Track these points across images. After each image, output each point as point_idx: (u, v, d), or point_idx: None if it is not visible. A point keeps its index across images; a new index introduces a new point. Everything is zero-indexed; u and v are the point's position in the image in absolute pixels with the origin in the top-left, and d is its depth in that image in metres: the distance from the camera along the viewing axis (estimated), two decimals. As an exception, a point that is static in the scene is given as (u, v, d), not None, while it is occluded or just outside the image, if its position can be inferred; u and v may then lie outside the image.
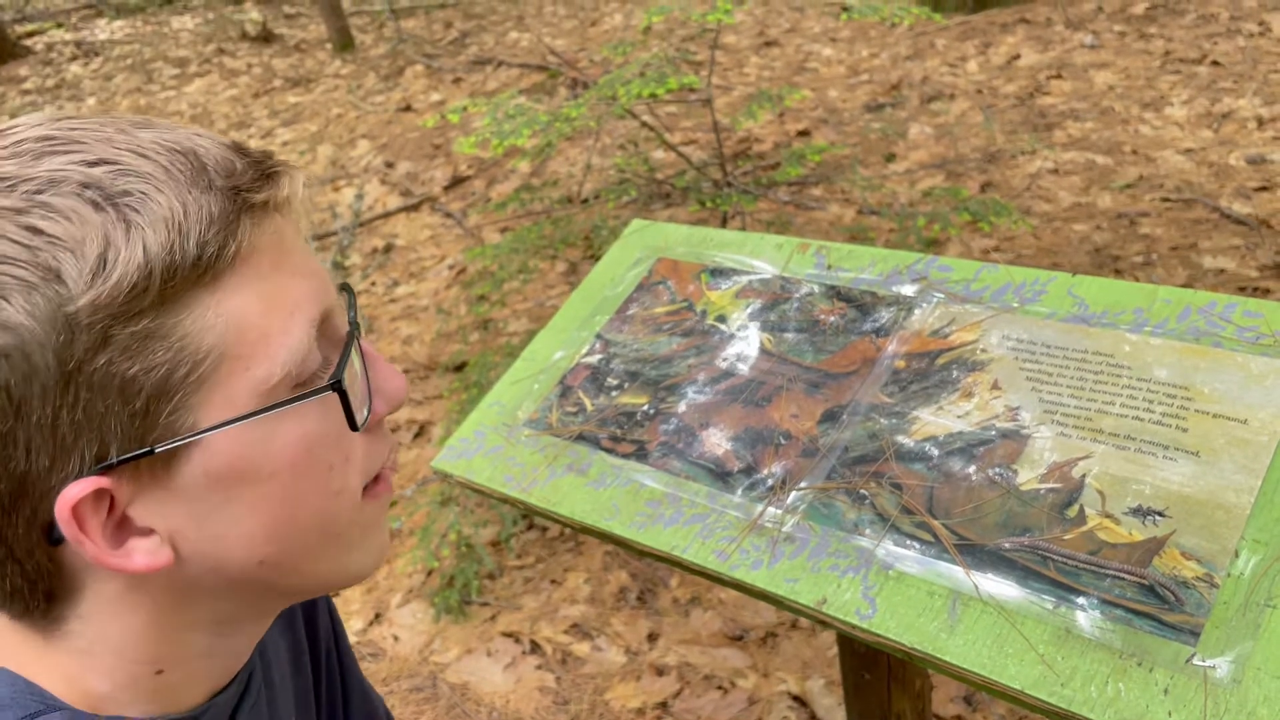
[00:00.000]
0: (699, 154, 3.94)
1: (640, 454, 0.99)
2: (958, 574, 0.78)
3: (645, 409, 1.04)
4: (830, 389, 0.98)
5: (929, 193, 3.26)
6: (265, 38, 7.65)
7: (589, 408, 1.06)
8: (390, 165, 4.71)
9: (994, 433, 0.87)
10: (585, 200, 3.70)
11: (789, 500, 0.89)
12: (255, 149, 0.51)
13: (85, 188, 0.45)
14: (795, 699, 1.83)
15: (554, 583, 2.21)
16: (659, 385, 1.06)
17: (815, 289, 1.09)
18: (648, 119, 3.87)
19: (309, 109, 5.79)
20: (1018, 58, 4.51)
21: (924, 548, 0.81)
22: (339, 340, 0.54)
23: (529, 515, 2.39)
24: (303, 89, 6.23)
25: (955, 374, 0.94)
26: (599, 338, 1.15)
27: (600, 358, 1.12)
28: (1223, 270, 2.76)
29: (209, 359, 0.47)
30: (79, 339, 0.44)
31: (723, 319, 1.10)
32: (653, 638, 2.03)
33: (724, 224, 2.82)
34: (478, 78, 5.67)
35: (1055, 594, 0.74)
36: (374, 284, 3.70)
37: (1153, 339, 0.89)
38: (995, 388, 0.91)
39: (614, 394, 1.07)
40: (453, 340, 3.16)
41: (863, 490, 0.87)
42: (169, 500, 0.48)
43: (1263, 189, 3.12)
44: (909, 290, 1.04)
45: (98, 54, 8.16)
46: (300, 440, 0.50)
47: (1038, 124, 3.82)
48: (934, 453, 0.88)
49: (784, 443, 0.94)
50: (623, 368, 1.10)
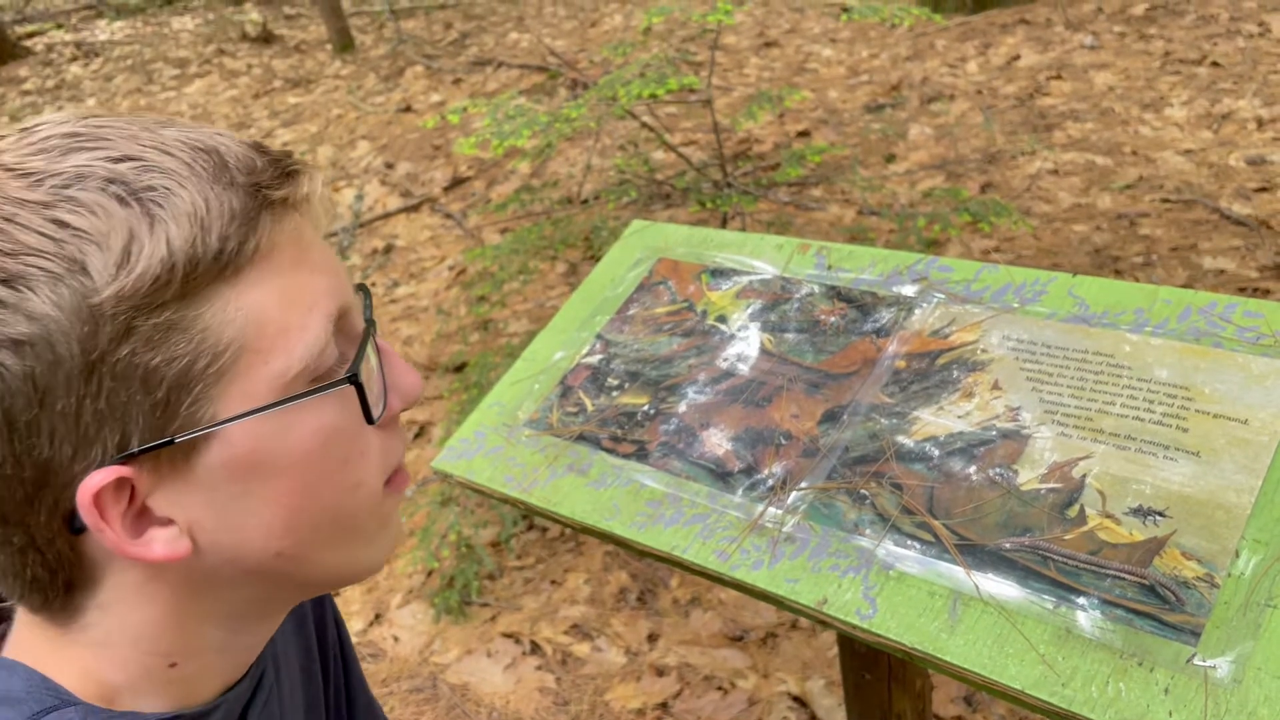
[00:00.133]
0: (699, 155, 3.94)
1: (641, 454, 0.99)
2: (958, 574, 0.78)
3: (646, 409, 1.04)
4: (831, 389, 0.98)
5: (929, 193, 3.26)
6: (265, 38, 7.65)
7: (589, 408, 1.06)
8: (390, 166, 4.71)
9: (994, 433, 0.87)
10: (585, 201, 3.70)
11: (789, 500, 0.89)
12: (275, 148, 0.53)
13: (110, 183, 0.46)
14: (795, 699, 1.83)
15: (554, 583, 2.21)
16: (659, 385, 1.06)
17: (816, 289, 1.09)
18: (648, 120, 3.87)
19: (309, 110, 5.80)
20: (1018, 58, 4.51)
21: (924, 548, 0.81)
22: (355, 337, 0.55)
23: (529, 515, 2.39)
24: (303, 90, 6.23)
25: (956, 374, 0.94)
26: (599, 338, 1.15)
27: (601, 358, 1.12)
28: (1223, 271, 2.76)
29: (229, 352, 0.48)
30: (103, 330, 0.44)
31: (723, 319, 1.10)
32: (653, 638, 2.03)
33: (724, 224, 2.82)
34: (478, 78, 5.67)
35: (1056, 594, 0.74)
36: (374, 285, 3.70)
37: (1153, 339, 0.89)
38: (996, 388, 0.91)
39: (614, 394, 1.07)
40: (453, 341, 3.16)
41: (863, 490, 0.87)
42: (188, 491, 0.49)
43: (1262, 190, 3.12)
44: (909, 291, 1.04)
45: (98, 55, 8.16)
46: (317, 433, 0.51)
47: (1038, 125, 3.82)
48: (934, 453, 0.88)
49: (784, 443, 0.94)
50: (623, 368, 1.10)
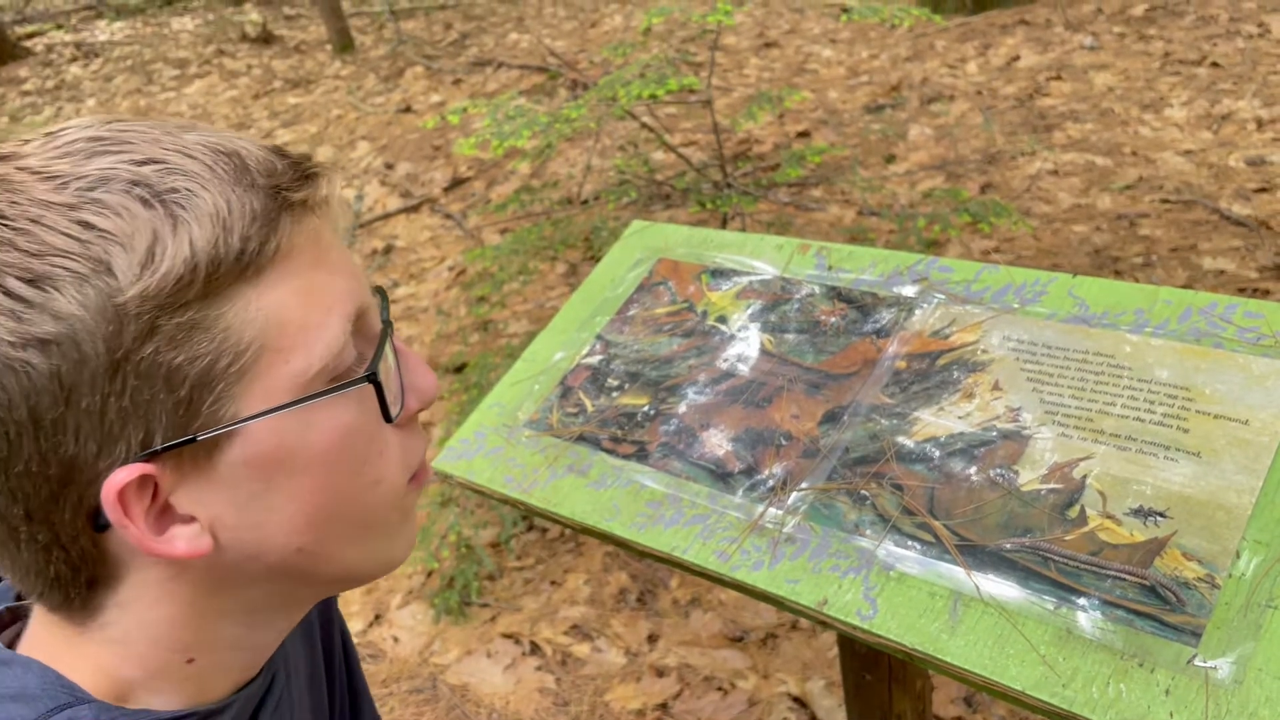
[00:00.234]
0: (699, 155, 3.94)
1: (641, 455, 0.99)
2: (959, 575, 0.78)
3: (646, 410, 1.04)
4: (831, 390, 0.98)
5: (929, 194, 3.26)
6: (265, 39, 7.65)
7: (589, 408, 1.06)
8: (390, 166, 4.71)
9: (995, 433, 0.87)
10: (585, 201, 3.70)
11: (790, 501, 0.89)
12: (294, 152, 0.53)
13: (134, 185, 0.47)
14: (796, 700, 1.83)
15: (554, 584, 2.21)
16: (659, 386, 1.06)
17: (816, 290, 1.09)
18: (648, 120, 3.87)
19: (309, 110, 5.80)
20: (1017, 59, 4.51)
21: (925, 548, 0.81)
22: (373, 338, 0.56)
23: (529, 516, 2.39)
24: (302, 90, 6.23)
25: (956, 375, 0.94)
26: (599, 339, 1.15)
27: (601, 358, 1.12)
28: (1222, 271, 2.76)
29: (250, 351, 0.49)
30: (127, 328, 0.45)
31: (723, 320, 1.10)
32: (653, 639, 2.03)
33: (724, 225, 2.82)
34: (478, 79, 5.67)
35: (1056, 595, 0.74)
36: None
37: (1154, 340, 0.89)
38: (996, 388, 0.91)
39: (614, 395, 1.07)
40: (453, 341, 3.16)
41: (864, 491, 0.87)
42: (210, 488, 0.50)
43: (1262, 190, 3.12)
44: (910, 291, 1.04)
45: (97, 55, 8.16)
46: (336, 430, 0.52)
47: (1037, 125, 3.82)
48: (935, 453, 0.88)
49: (785, 443, 0.94)
50: (623, 368, 1.09)
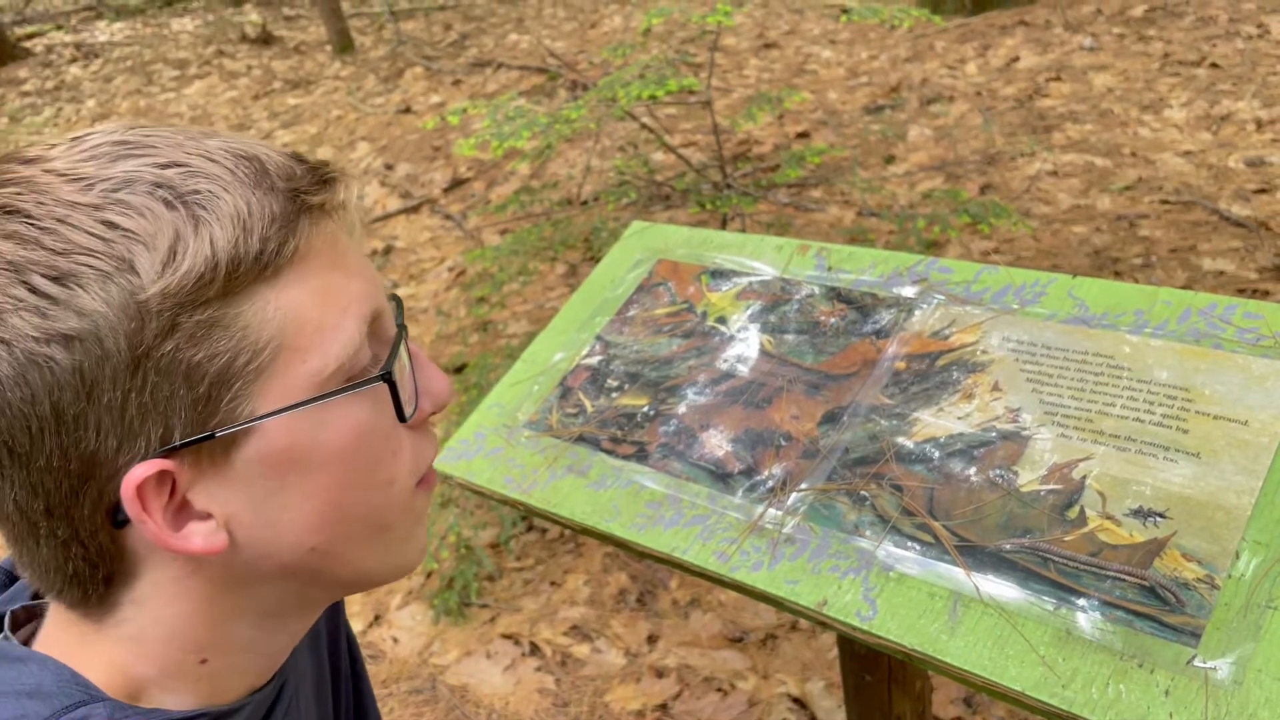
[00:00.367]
0: (699, 156, 3.94)
1: (640, 455, 0.99)
2: (958, 575, 0.78)
3: (645, 410, 1.04)
4: (831, 390, 0.98)
5: (928, 195, 3.26)
6: (265, 40, 7.65)
7: (589, 409, 1.06)
8: (390, 167, 4.71)
9: (994, 434, 0.87)
10: (585, 202, 3.70)
11: (789, 502, 0.89)
12: (313, 158, 0.55)
13: (158, 187, 0.48)
14: (795, 701, 1.83)
15: (553, 584, 2.21)
16: (659, 387, 1.06)
17: (815, 290, 1.09)
18: (647, 121, 3.87)
19: (308, 111, 5.80)
20: (1017, 60, 4.51)
21: (925, 549, 0.81)
22: (388, 340, 0.57)
23: (529, 517, 2.39)
24: (302, 91, 6.23)
25: (956, 375, 0.94)
26: (599, 339, 1.15)
27: (600, 359, 1.12)
28: (1222, 272, 2.76)
29: (268, 349, 0.50)
30: (149, 325, 0.47)
31: (723, 320, 1.10)
32: (652, 640, 2.03)
33: (724, 226, 2.82)
34: (477, 80, 5.68)
35: (1056, 595, 0.74)
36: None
37: (1153, 340, 0.89)
38: (996, 389, 0.91)
39: (614, 395, 1.07)
40: (452, 342, 3.16)
41: (863, 492, 0.87)
42: (226, 485, 0.51)
43: (1261, 191, 3.12)
44: (909, 292, 1.04)
45: (97, 56, 8.16)
46: (351, 429, 0.53)
47: (1037, 126, 3.83)
48: (934, 454, 0.88)
49: (784, 444, 0.94)
50: (623, 369, 1.10)
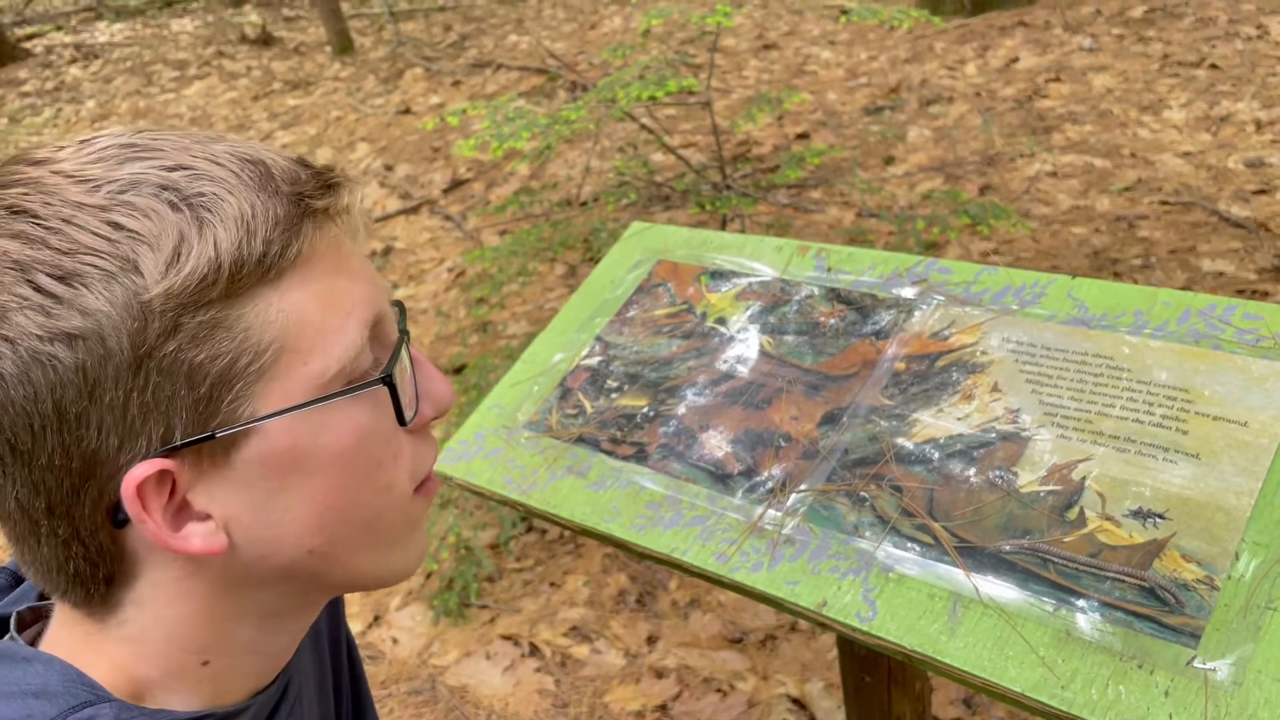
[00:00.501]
0: (698, 157, 3.94)
1: (640, 456, 0.99)
2: (958, 576, 0.78)
3: (645, 411, 1.04)
4: (830, 391, 0.98)
5: (928, 195, 3.26)
6: (265, 40, 7.65)
7: (589, 410, 1.06)
8: (389, 168, 4.71)
9: (994, 435, 0.87)
10: (584, 203, 3.70)
11: (789, 502, 0.89)
12: (318, 163, 0.55)
13: (164, 189, 0.49)
14: (795, 702, 1.83)
15: (553, 585, 2.21)
16: (659, 387, 1.06)
17: (815, 291, 1.09)
18: (647, 122, 3.87)
19: (308, 112, 5.80)
20: (1016, 61, 4.51)
21: (924, 550, 0.81)
22: (389, 345, 0.57)
23: (528, 518, 2.39)
24: (302, 92, 6.24)
25: (955, 376, 0.94)
26: (599, 340, 1.15)
27: (600, 360, 1.12)
28: (1221, 273, 2.76)
29: (269, 351, 0.50)
30: (152, 325, 0.47)
31: (722, 321, 1.10)
32: (652, 640, 2.03)
33: (723, 226, 2.82)
34: (477, 80, 5.68)
35: (1055, 596, 0.74)
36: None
37: (1153, 341, 0.89)
38: (995, 390, 0.91)
39: (614, 396, 1.07)
40: (452, 343, 3.16)
41: (863, 492, 0.87)
42: (226, 486, 0.51)
43: (1261, 192, 3.12)
44: (909, 293, 1.04)
45: (97, 56, 8.16)
46: (351, 432, 0.53)
47: (1036, 127, 3.83)
48: (934, 455, 0.88)
49: (784, 445, 0.94)
50: (622, 370, 1.10)
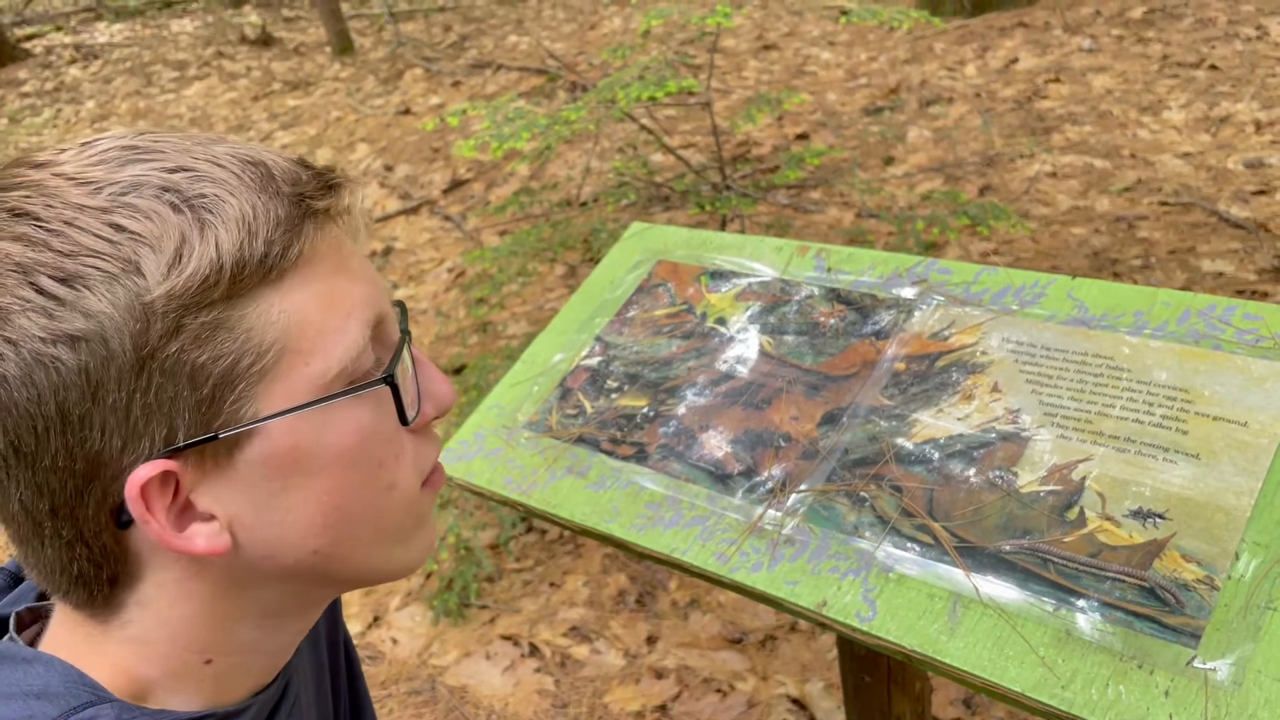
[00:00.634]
0: (698, 157, 3.94)
1: (640, 456, 0.99)
2: (958, 576, 0.78)
3: (645, 411, 1.04)
4: (830, 391, 0.98)
5: (928, 196, 3.26)
6: (264, 41, 7.65)
7: (589, 410, 1.06)
8: (389, 168, 4.71)
9: (994, 435, 0.87)
10: (584, 203, 3.70)
11: (789, 503, 0.89)
12: (319, 164, 0.55)
13: (165, 191, 0.49)
14: (795, 702, 1.83)
15: (553, 585, 2.21)
16: (659, 388, 1.06)
17: (815, 291, 1.09)
18: (647, 122, 3.87)
19: (308, 112, 5.80)
20: (1016, 61, 4.51)
21: (924, 550, 0.81)
22: (391, 345, 0.57)
23: (528, 518, 2.39)
24: (302, 92, 6.24)
25: (955, 376, 0.94)
26: (599, 340, 1.15)
27: (600, 360, 1.12)
28: (1221, 274, 2.76)
29: (271, 352, 0.50)
30: (154, 327, 0.47)
31: (722, 321, 1.10)
32: (652, 640, 2.03)
33: (723, 227, 2.82)
34: (477, 81, 5.68)
35: (1055, 596, 0.74)
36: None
37: (1152, 341, 0.89)
38: (995, 390, 0.91)
39: (614, 396, 1.07)
40: (452, 343, 3.16)
41: (863, 493, 0.87)
42: (229, 487, 0.51)
43: (1260, 193, 3.12)
44: (909, 293, 1.04)
45: (97, 57, 8.16)
46: (354, 432, 0.53)
47: (1036, 127, 3.83)
48: (934, 455, 0.88)
49: (784, 445, 0.94)
50: (622, 370, 1.10)
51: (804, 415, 0.96)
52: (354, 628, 2.20)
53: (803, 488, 0.90)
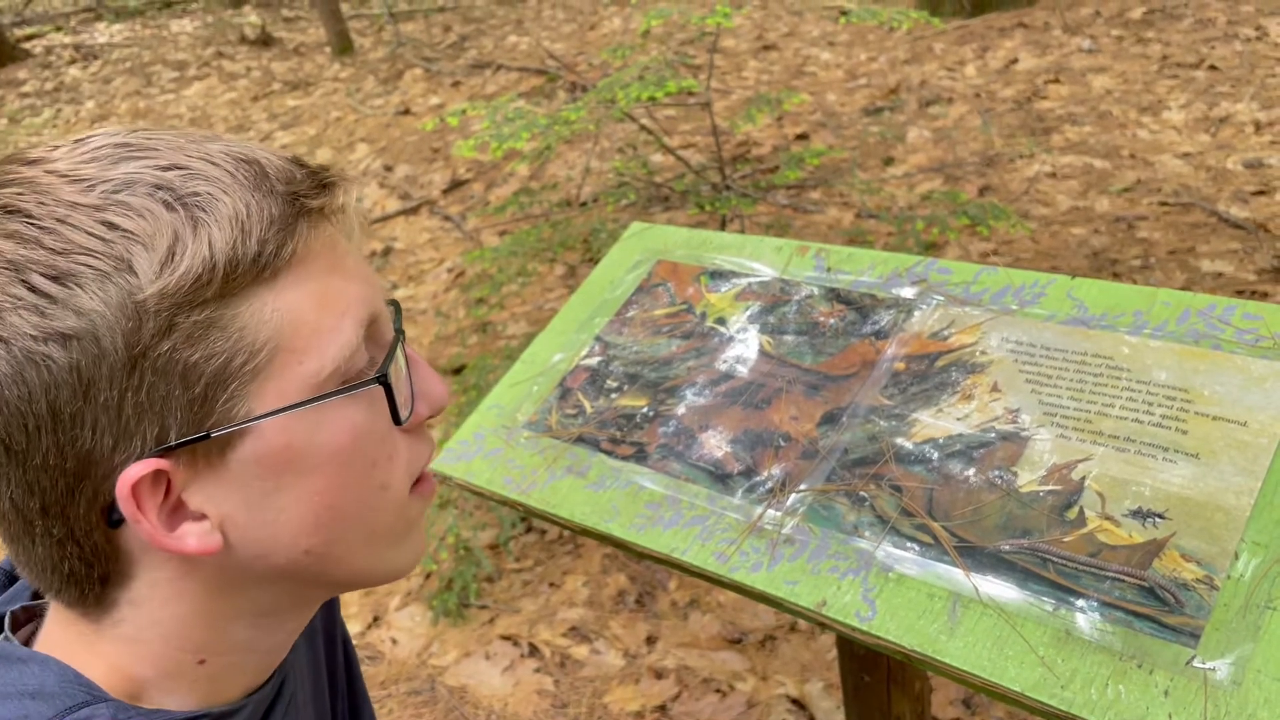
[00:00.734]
0: (698, 157, 3.94)
1: (640, 456, 0.99)
2: (957, 576, 0.78)
3: (645, 411, 1.04)
4: (830, 391, 0.98)
5: (927, 196, 3.26)
6: (264, 41, 7.65)
7: (588, 410, 1.06)
8: (389, 168, 4.71)
9: (994, 435, 0.87)
10: (584, 203, 3.70)
11: (789, 502, 0.89)
12: (313, 163, 0.55)
13: (158, 189, 0.49)
14: (794, 702, 1.83)
15: (552, 585, 2.21)
16: (658, 387, 1.06)
17: (815, 291, 1.09)
18: (646, 122, 3.87)
19: (308, 112, 5.80)
20: (1015, 62, 4.52)
21: (924, 550, 0.81)
22: (385, 344, 0.57)
23: (528, 518, 2.39)
24: (301, 92, 6.24)
25: (955, 376, 0.94)
26: (598, 340, 1.15)
27: (599, 360, 1.12)
28: (1220, 274, 2.77)
29: (264, 351, 0.50)
30: (146, 325, 0.47)
31: (722, 321, 1.10)
32: (651, 641, 2.03)
33: (723, 227, 2.82)
34: (476, 81, 5.68)
35: (1055, 596, 0.74)
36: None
37: (1152, 341, 0.89)
38: (995, 390, 0.91)
39: (613, 396, 1.07)
40: (451, 343, 3.16)
41: (862, 492, 0.87)
42: (221, 486, 0.51)
43: (1260, 193, 3.12)
44: (908, 293, 1.04)
45: (96, 57, 8.16)
46: (347, 432, 0.53)
47: (1035, 128, 3.83)
48: (934, 455, 0.88)
49: (783, 445, 0.94)
50: (622, 370, 1.10)
51: (804, 415, 0.96)
52: (354, 628, 2.20)
53: (802, 487, 0.90)
